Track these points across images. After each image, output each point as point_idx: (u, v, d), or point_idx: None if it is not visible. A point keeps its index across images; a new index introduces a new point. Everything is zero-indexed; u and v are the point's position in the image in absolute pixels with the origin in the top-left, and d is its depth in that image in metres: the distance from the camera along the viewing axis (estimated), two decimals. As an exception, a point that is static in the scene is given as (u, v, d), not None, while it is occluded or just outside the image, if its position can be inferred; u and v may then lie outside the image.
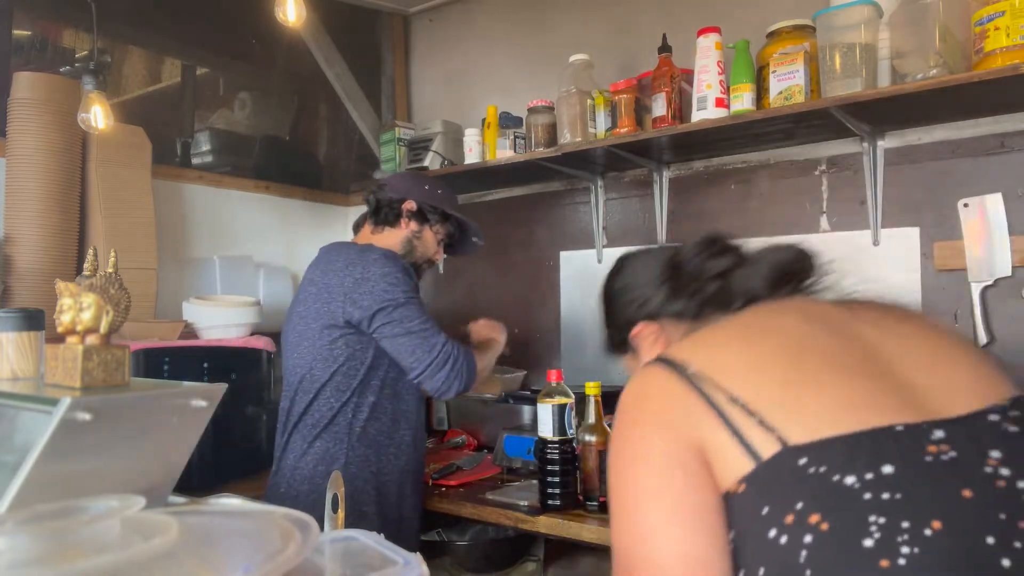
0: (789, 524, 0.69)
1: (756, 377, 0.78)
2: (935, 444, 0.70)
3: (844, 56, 1.74)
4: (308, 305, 1.74)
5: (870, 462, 0.69)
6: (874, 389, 0.75)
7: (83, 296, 0.94)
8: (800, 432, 0.72)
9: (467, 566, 2.00)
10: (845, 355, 0.80)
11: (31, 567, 0.56)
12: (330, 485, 0.93)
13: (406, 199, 1.88)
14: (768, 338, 0.84)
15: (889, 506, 0.67)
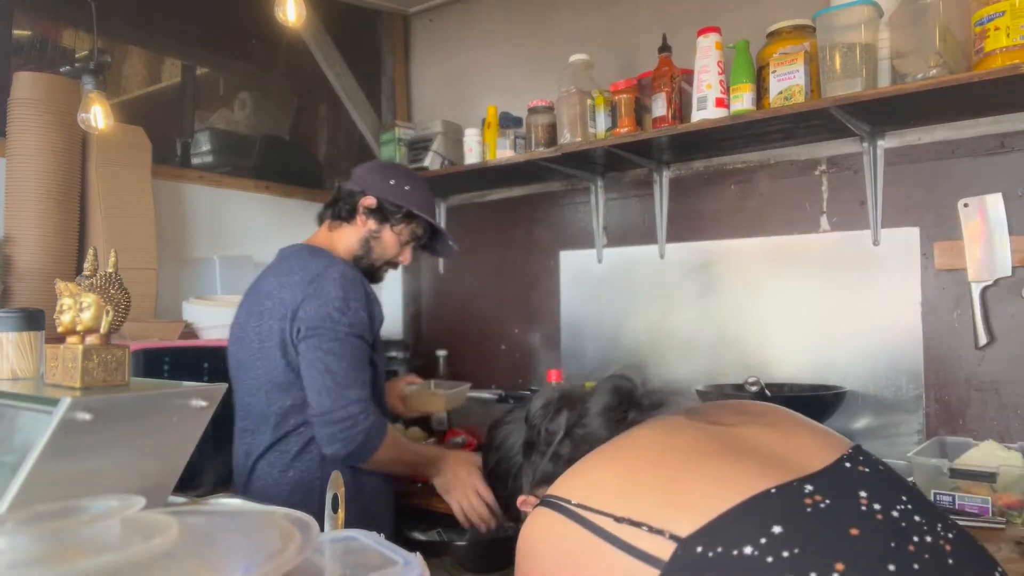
0: None
1: (631, 490, 0.83)
2: (809, 496, 0.77)
3: (844, 56, 1.74)
4: (263, 321, 1.62)
5: (759, 527, 0.74)
6: (738, 465, 0.82)
7: (83, 296, 0.94)
8: (686, 523, 0.75)
9: (467, 566, 2.00)
10: (702, 444, 0.87)
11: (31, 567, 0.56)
12: (330, 485, 0.93)
13: (365, 193, 1.73)
14: (632, 452, 0.91)
15: (792, 562, 0.71)
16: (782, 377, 2.05)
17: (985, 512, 1.39)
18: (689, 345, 2.26)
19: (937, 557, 0.74)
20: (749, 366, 2.08)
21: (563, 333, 2.55)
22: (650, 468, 0.86)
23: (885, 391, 1.93)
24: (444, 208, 2.89)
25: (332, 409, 1.50)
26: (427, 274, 2.97)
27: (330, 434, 1.51)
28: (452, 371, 2.68)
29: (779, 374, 2.06)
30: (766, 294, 2.12)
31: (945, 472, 1.45)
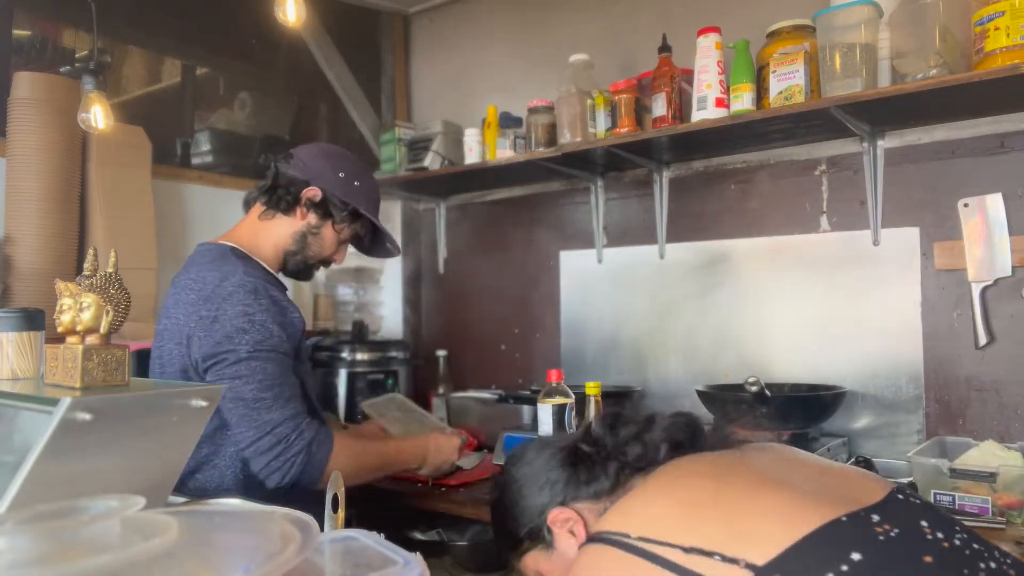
0: None
1: (694, 521, 0.82)
2: (878, 525, 0.77)
3: (844, 56, 1.74)
4: (164, 342, 1.46)
5: (837, 555, 0.73)
6: (800, 497, 0.82)
7: (83, 296, 0.94)
8: (760, 553, 0.74)
9: (467, 566, 2.00)
10: (758, 478, 0.87)
11: (31, 567, 0.56)
12: (330, 485, 0.93)
13: (310, 184, 1.57)
14: (684, 485, 0.90)
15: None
16: (782, 377, 2.05)
17: (985, 512, 1.39)
18: (689, 345, 2.26)
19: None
20: (749, 366, 2.08)
21: (563, 333, 2.55)
22: (710, 500, 0.84)
23: (885, 391, 1.93)
24: (444, 208, 2.89)
25: (256, 438, 1.36)
26: (427, 274, 2.97)
27: (265, 465, 1.36)
28: (452, 371, 2.68)
29: (779, 374, 2.06)
30: (766, 294, 2.12)
31: (945, 472, 1.45)
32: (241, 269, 1.45)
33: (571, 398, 1.70)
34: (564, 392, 1.70)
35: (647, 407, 2.31)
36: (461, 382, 2.68)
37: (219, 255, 1.52)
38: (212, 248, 1.57)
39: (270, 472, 1.37)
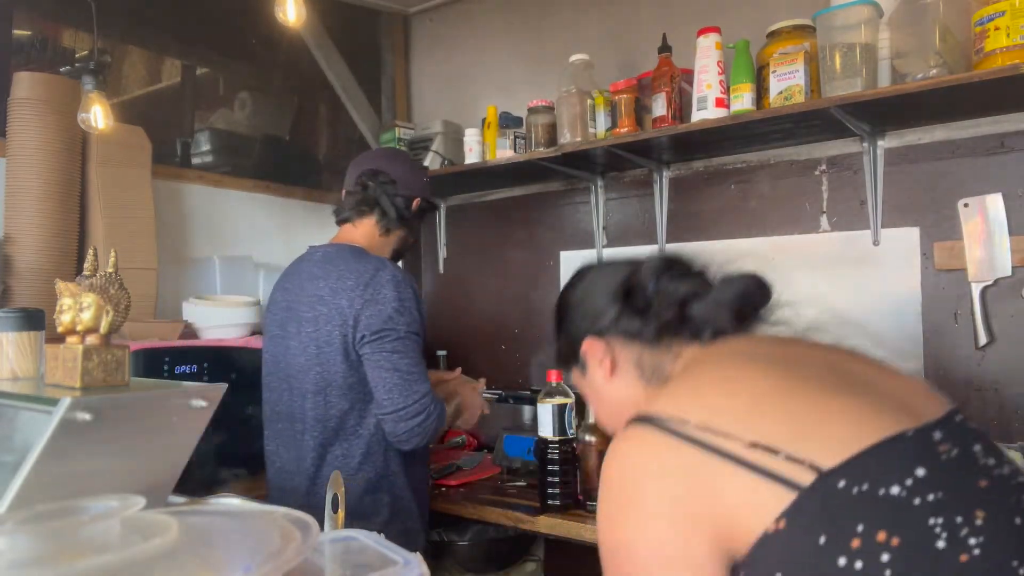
0: (857, 548, 0.67)
1: (762, 415, 0.76)
2: (940, 444, 0.74)
3: (844, 56, 1.74)
4: (320, 327, 1.61)
5: (904, 468, 0.70)
6: (867, 403, 0.77)
7: (83, 296, 0.94)
8: (829, 456, 0.70)
9: (467, 566, 2.00)
10: (828, 377, 0.82)
11: (31, 567, 0.56)
12: (330, 485, 0.93)
13: (415, 197, 1.76)
14: (756, 372, 0.83)
15: (938, 506, 0.68)
16: (782, 377, 2.05)
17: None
18: (689, 345, 2.26)
19: None
20: (749, 366, 2.08)
21: (563, 333, 2.54)
22: (775, 397, 0.78)
23: (885, 391, 1.93)
24: (444, 208, 2.89)
25: (405, 405, 1.54)
26: (427, 274, 2.97)
27: (407, 430, 1.55)
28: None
29: (779, 374, 2.06)
30: (766, 294, 2.12)
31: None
32: (388, 263, 1.66)
33: (571, 398, 1.70)
34: (564, 392, 1.70)
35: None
36: (461, 382, 2.68)
37: (357, 252, 1.68)
38: (344, 248, 1.70)
39: (411, 436, 1.56)
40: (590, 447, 1.66)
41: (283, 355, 1.68)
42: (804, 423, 0.75)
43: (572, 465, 1.69)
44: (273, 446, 1.71)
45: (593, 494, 1.65)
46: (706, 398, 0.81)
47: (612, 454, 0.81)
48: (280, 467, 1.69)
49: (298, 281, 1.70)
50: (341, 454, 1.61)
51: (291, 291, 1.72)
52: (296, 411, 1.64)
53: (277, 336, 1.71)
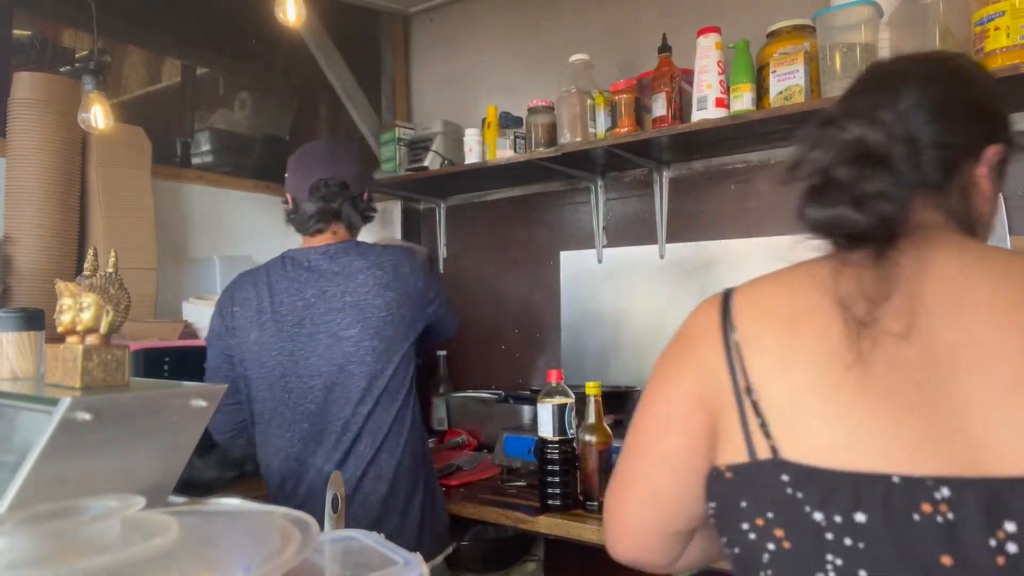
0: (759, 526, 0.72)
1: (783, 373, 0.74)
2: (933, 503, 0.65)
3: (844, 56, 1.74)
4: (393, 311, 1.61)
5: (844, 506, 0.67)
6: (897, 426, 0.68)
7: (83, 296, 0.94)
8: (794, 450, 0.70)
9: (467, 566, 2.00)
10: (893, 374, 0.70)
11: (31, 567, 0.56)
12: (330, 485, 0.93)
13: (364, 191, 1.75)
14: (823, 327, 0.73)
15: (849, 552, 0.67)
16: (782, 377, 2.05)
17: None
18: (689, 345, 2.26)
19: None
20: (749, 366, 2.08)
21: (563, 333, 2.55)
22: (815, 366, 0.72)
23: (885, 391, 1.93)
24: (444, 208, 2.89)
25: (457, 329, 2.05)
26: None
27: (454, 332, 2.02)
28: (452, 371, 2.68)
29: (779, 374, 2.06)
30: (766, 294, 2.12)
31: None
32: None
33: (571, 398, 1.70)
34: (564, 392, 1.70)
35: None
36: (461, 382, 2.68)
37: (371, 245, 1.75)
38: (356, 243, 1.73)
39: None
40: (590, 447, 1.66)
41: (317, 365, 1.60)
42: (804, 407, 0.72)
43: (572, 465, 1.69)
44: (297, 449, 1.61)
45: (593, 494, 1.65)
46: (760, 316, 0.78)
47: (701, 306, 0.84)
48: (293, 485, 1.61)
49: (327, 278, 1.63)
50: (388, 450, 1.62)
51: (312, 288, 1.63)
52: (333, 412, 1.58)
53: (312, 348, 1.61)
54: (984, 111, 0.83)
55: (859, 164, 0.76)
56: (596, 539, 1.56)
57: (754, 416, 0.73)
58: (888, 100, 0.81)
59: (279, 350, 1.61)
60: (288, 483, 1.62)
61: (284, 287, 1.64)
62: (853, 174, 0.76)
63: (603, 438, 1.66)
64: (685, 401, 0.80)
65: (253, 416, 1.67)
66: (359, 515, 1.55)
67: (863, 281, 0.72)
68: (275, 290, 1.64)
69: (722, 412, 0.76)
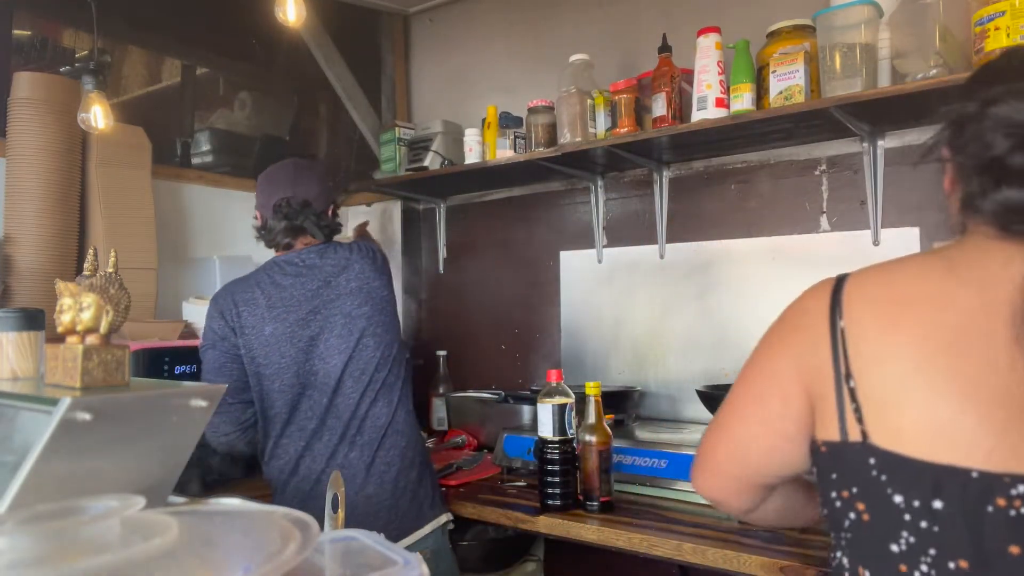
0: (844, 497, 0.82)
1: (880, 363, 0.79)
2: (1009, 498, 0.70)
3: (844, 56, 1.74)
4: (388, 292, 1.79)
5: (924, 493, 0.74)
6: (987, 424, 0.72)
7: (83, 296, 0.94)
8: (883, 437, 0.77)
9: (467, 566, 2.00)
10: (995, 376, 0.72)
11: (31, 567, 0.56)
12: (330, 485, 0.93)
13: (332, 205, 1.83)
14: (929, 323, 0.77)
15: (923, 532, 0.75)
16: (782, 377, 2.05)
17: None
18: (689, 345, 2.26)
19: None
20: (749, 366, 2.08)
21: (563, 333, 2.55)
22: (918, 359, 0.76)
23: (885, 391, 1.93)
24: (444, 208, 2.89)
25: None
26: (427, 274, 2.97)
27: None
28: (452, 371, 2.68)
29: (779, 374, 2.06)
30: (766, 294, 2.12)
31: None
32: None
33: (571, 398, 1.70)
34: (564, 392, 1.70)
35: (647, 408, 2.31)
36: (461, 382, 2.68)
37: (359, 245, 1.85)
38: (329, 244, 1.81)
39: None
40: (590, 447, 1.66)
41: (317, 359, 1.67)
42: (898, 397, 0.77)
43: (572, 465, 1.69)
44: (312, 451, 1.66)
45: (593, 494, 1.65)
46: (870, 307, 0.83)
47: (811, 289, 0.92)
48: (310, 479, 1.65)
49: (325, 270, 1.73)
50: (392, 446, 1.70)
51: (316, 279, 1.71)
52: (342, 412, 1.67)
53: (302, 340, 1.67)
54: None
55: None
56: (596, 539, 1.56)
57: (850, 402, 0.80)
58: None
59: (298, 338, 1.68)
60: (301, 468, 1.67)
61: (289, 283, 1.71)
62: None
63: (603, 438, 1.66)
64: (787, 375, 0.87)
65: (264, 410, 1.70)
66: (378, 495, 1.65)
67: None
68: (280, 286, 1.71)
69: (823, 392, 0.83)
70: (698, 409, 2.04)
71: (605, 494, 1.65)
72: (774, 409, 0.89)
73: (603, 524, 1.56)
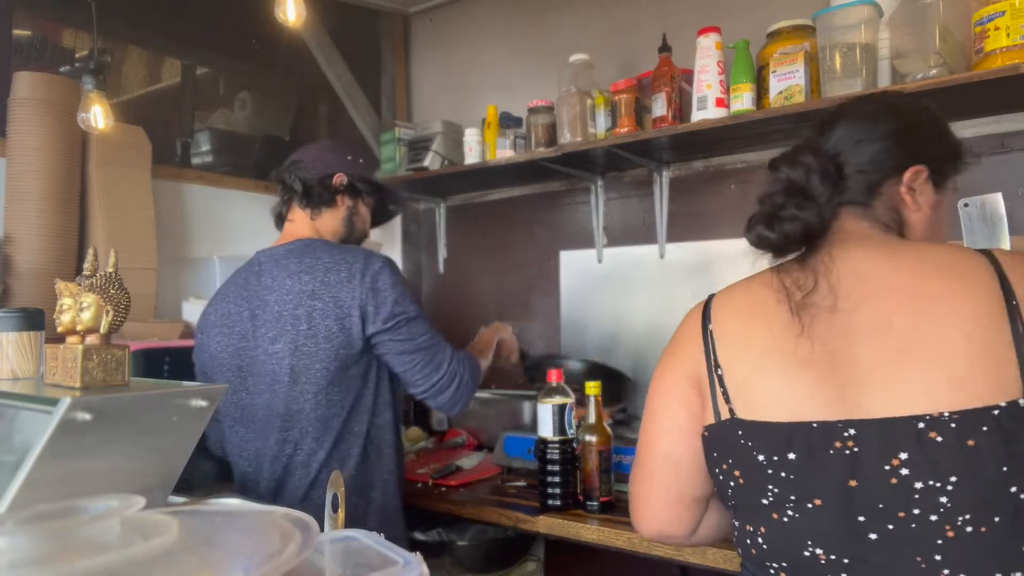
0: (724, 469, 0.97)
1: (739, 352, 0.98)
2: (842, 440, 0.86)
3: (844, 56, 1.74)
4: (316, 322, 1.56)
5: (779, 448, 0.90)
6: (816, 386, 0.90)
7: (83, 296, 0.94)
8: (745, 411, 0.94)
9: (467, 566, 2.00)
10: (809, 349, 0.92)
11: (31, 567, 0.56)
12: (330, 485, 0.93)
13: (334, 173, 1.75)
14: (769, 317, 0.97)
15: (784, 482, 0.90)
16: (782, 377, 2.05)
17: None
18: (689, 345, 2.26)
19: None
20: (749, 366, 2.08)
21: (563, 333, 2.55)
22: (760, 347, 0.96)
23: (885, 391, 1.93)
24: (444, 208, 2.89)
25: (439, 379, 1.63)
26: (427, 274, 2.97)
27: (450, 399, 1.65)
28: (452, 371, 2.68)
29: (779, 374, 2.06)
30: (766, 294, 2.12)
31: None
32: (373, 251, 1.67)
33: (571, 398, 1.70)
34: (564, 392, 1.70)
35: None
36: (461, 382, 2.68)
37: (328, 244, 1.70)
38: (309, 242, 1.70)
39: (455, 404, 1.67)
40: (590, 447, 1.66)
41: (255, 362, 1.62)
42: (753, 380, 0.95)
43: (572, 465, 1.69)
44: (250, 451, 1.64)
45: (593, 494, 1.65)
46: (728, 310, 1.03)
47: (689, 313, 1.09)
48: (248, 471, 1.64)
49: (268, 283, 1.64)
50: (340, 458, 1.59)
51: (255, 294, 1.65)
52: (286, 417, 1.58)
53: (239, 348, 1.64)
54: (902, 140, 1.05)
55: (788, 197, 1.00)
56: (596, 539, 1.56)
57: (719, 387, 0.98)
58: (820, 140, 1.05)
59: None
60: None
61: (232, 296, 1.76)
62: (779, 205, 1.00)
63: (603, 438, 1.66)
64: (682, 379, 1.03)
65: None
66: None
67: (792, 276, 0.98)
68: None
69: (702, 386, 1.00)
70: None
71: (605, 494, 1.65)
72: (680, 413, 1.03)
73: (603, 524, 1.56)
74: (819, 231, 0.99)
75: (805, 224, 0.97)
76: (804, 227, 0.97)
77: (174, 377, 1.88)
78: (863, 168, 1.02)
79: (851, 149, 1.03)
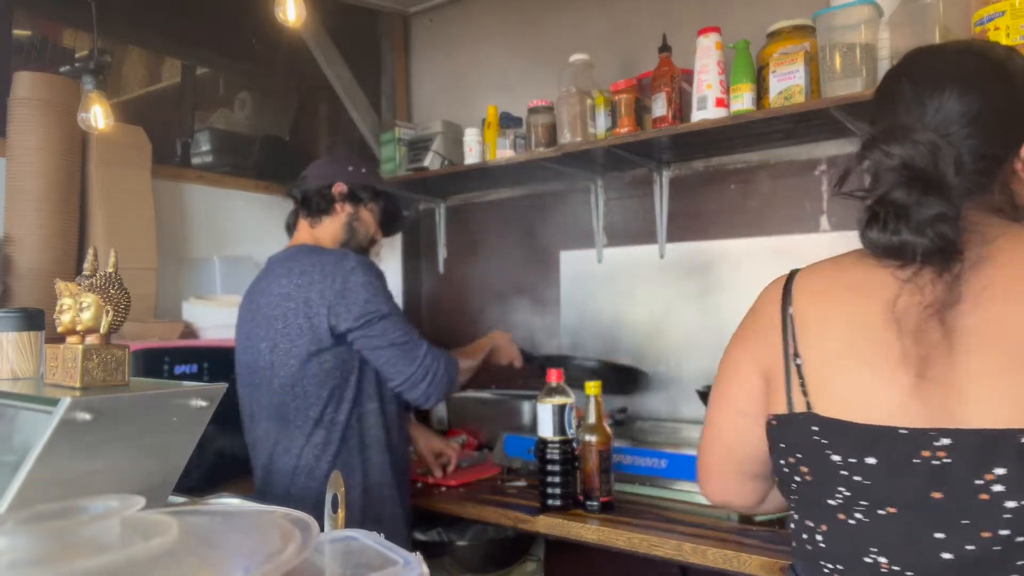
0: (791, 462, 0.90)
1: (821, 343, 0.89)
2: (931, 450, 0.79)
3: (844, 56, 1.74)
4: (289, 322, 1.68)
5: (858, 451, 0.83)
6: (907, 390, 0.81)
7: (83, 296, 0.94)
8: (823, 406, 0.86)
9: (467, 566, 2.00)
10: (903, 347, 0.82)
11: (31, 567, 0.56)
12: (330, 485, 0.93)
13: (333, 183, 1.85)
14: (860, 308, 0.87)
15: (858, 486, 0.83)
16: (782, 377, 2.05)
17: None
18: (689, 345, 2.26)
19: None
20: (749, 366, 2.08)
21: (563, 333, 2.55)
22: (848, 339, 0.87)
23: (885, 391, 1.93)
24: (444, 208, 2.89)
25: (412, 373, 1.68)
26: (427, 274, 2.97)
27: (424, 393, 1.71)
28: (452, 371, 2.68)
29: (779, 374, 2.06)
30: (766, 294, 2.12)
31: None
32: (350, 252, 1.75)
33: (571, 398, 1.70)
34: (564, 392, 1.70)
35: (647, 407, 2.31)
36: (461, 382, 2.68)
37: (312, 248, 1.79)
38: (299, 248, 1.81)
39: (429, 397, 1.72)
40: (590, 447, 1.66)
41: (253, 359, 1.75)
42: (836, 373, 0.86)
43: (572, 465, 1.69)
44: (251, 442, 1.79)
45: (593, 494, 1.65)
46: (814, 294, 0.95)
47: (768, 286, 1.02)
48: (253, 463, 1.78)
49: (262, 287, 1.78)
50: (320, 442, 1.68)
51: (255, 298, 1.79)
52: (268, 411, 1.73)
53: (249, 343, 1.77)
54: (1021, 110, 0.87)
55: (911, 188, 0.84)
56: (596, 539, 1.56)
57: (796, 377, 0.89)
58: (928, 113, 0.87)
59: None
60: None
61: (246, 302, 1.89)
62: (909, 199, 0.84)
63: (603, 438, 1.66)
64: (751, 362, 0.96)
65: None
66: None
67: (924, 293, 0.82)
68: None
69: (774, 371, 0.92)
70: (698, 409, 2.04)
71: (605, 494, 1.65)
72: (733, 392, 0.99)
73: (603, 524, 1.56)
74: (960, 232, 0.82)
75: (955, 222, 0.81)
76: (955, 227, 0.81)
77: (212, 376, 1.97)
78: (983, 153, 0.85)
79: (966, 131, 0.85)
